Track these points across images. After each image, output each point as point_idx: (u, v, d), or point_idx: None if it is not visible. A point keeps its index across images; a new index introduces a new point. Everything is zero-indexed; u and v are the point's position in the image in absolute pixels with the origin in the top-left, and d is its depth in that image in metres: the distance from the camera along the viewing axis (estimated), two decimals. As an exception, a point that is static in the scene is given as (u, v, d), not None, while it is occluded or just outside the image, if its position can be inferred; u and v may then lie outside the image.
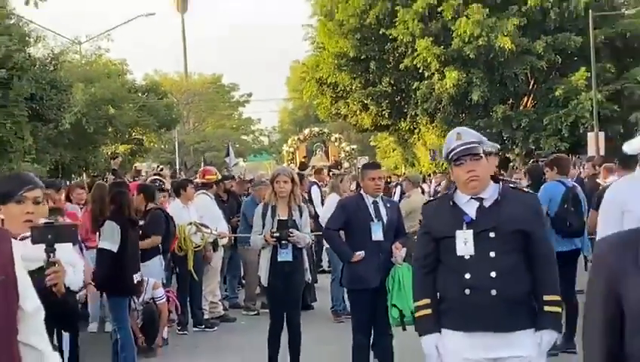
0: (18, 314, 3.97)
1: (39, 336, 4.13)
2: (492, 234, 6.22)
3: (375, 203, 10.27)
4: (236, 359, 11.48)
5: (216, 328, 14.18)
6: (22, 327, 3.99)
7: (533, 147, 36.39)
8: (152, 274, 12.21)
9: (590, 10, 35.50)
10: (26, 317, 3.99)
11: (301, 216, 10.73)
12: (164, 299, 12.52)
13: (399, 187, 21.77)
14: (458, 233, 6.26)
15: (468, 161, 6.29)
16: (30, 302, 4.04)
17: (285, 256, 10.57)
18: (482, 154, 6.40)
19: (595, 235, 7.81)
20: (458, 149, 6.34)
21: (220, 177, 17.67)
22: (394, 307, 8.89)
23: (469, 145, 6.35)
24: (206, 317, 14.36)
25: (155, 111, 37.17)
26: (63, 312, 4.53)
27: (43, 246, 4.90)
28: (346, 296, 12.52)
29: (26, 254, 4.38)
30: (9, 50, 23.42)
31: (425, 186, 21.98)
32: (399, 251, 9.68)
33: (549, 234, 11.13)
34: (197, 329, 13.97)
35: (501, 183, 6.64)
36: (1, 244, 4.03)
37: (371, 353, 9.95)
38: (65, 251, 4.91)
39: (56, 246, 4.93)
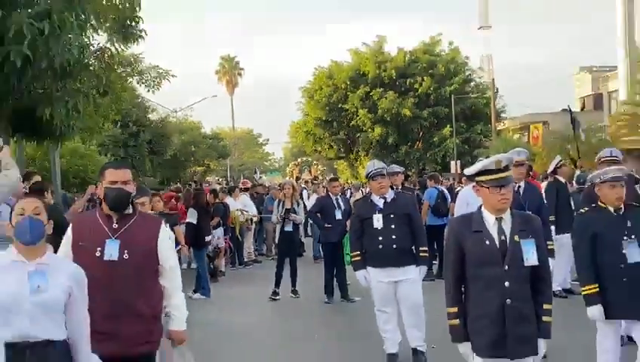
0: (160, 270, 3.79)
1: (173, 284, 3.87)
2: (392, 216, 6.36)
3: (337, 198, 10.40)
4: (261, 282, 11.25)
5: (250, 266, 14.13)
6: (163, 277, 3.81)
7: (422, 168, 36.28)
8: (217, 236, 12.19)
9: (452, 95, 35.60)
10: (166, 272, 3.80)
11: (298, 206, 10.74)
12: (222, 247, 12.62)
13: (349, 190, 21.73)
14: (374, 216, 6.39)
15: (379, 178, 6.45)
16: (167, 263, 3.80)
17: (288, 228, 10.53)
18: (386, 174, 6.60)
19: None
20: (374, 171, 6.49)
21: (251, 185, 17.83)
22: (347, 254, 8.97)
23: (380, 169, 6.51)
24: (245, 260, 14.29)
25: (216, 149, 36.92)
26: None
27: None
28: (320, 249, 12.53)
29: None
30: (138, 116, 23.53)
31: (364, 190, 21.95)
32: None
33: (429, 216, 11.33)
34: (240, 266, 13.92)
35: (395, 189, 6.92)
36: (151, 224, 3.87)
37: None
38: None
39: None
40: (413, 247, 6.45)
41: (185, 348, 3.97)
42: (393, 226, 6.37)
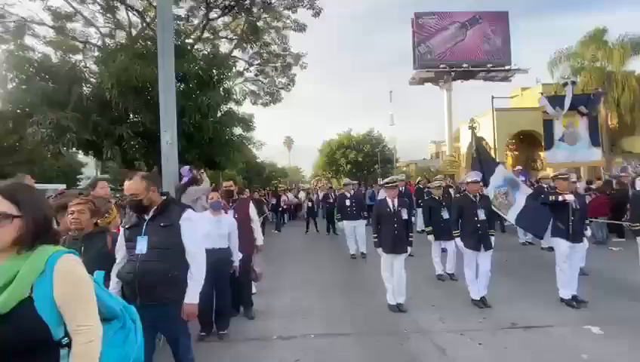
0: (251, 221, 3.58)
1: (257, 225, 3.63)
2: (354, 200, 6.23)
3: (331, 193, 9.94)
4: (301, 227, 10.19)
5: (298, 220, 13.08)
6: (253, 223, 3.58)
7: (366, 182, 35.30)
8: (284, 199, 11.57)
9: (379, 153, 34.41)
10: (253, 221, 3.57)
11: (314, 196, 10.44)
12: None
13: (335, 190, 20.68)
14: (346, 200, 6.27)
15: (349, 186, 6.39)
16: (254, 217, 3.62)
17: (309, 204, 10.32)
18: (351, 184, 6.50)
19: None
20: (347, 182, 6.49)
21: (299, 189, 17.25)
22: (336, 216, 8.65)
23: (349, 182, 6.51)
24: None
25: (282, 174, 36.10)
26: None
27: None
28: (324, 214, 11.31)
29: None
30: (251, 160, 22.80)
31: (342, 190, 21.10)
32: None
33: (367, 200, 10.34)
34: (293, 220, 12.73)
35: (354, 190, 6.62)
36: (245, 203, 3.62)
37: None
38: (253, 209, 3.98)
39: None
40: (362, 212, 6.33)
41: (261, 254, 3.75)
42: (354, 204, 6.27)
